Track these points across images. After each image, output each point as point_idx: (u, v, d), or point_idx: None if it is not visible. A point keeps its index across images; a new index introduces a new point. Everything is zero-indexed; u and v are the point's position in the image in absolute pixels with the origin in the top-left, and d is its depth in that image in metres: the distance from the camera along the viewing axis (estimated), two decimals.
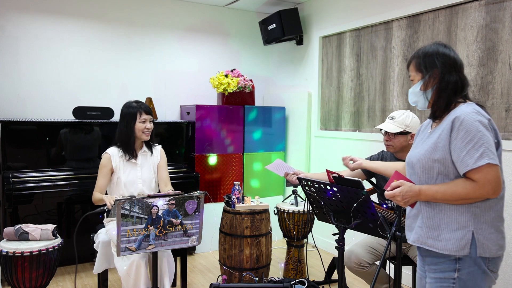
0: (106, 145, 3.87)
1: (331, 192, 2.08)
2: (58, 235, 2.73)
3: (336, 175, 2.04)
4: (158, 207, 2.25)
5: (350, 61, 4.13)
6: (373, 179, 2.80)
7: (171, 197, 2.28)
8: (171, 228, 2.31)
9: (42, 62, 4.04)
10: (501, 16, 2.87)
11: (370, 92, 3.91)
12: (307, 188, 2.21)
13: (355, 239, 3.03)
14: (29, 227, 2.65)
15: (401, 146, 2.63)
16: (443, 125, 1.67)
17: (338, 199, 2.08)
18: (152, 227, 2.25)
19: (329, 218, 2.21)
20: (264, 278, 3.20)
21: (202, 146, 4.29)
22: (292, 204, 3.54)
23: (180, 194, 2.32)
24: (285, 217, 3.43)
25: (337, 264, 2.39)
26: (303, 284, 2.93)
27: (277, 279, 3.02)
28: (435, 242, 1.66)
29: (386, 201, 2.52)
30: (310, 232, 3.46)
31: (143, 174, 2.92)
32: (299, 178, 2.26)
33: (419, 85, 1.74)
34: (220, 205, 3.87)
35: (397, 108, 3.62)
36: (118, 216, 2.14)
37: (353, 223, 2.10)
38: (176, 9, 4.67)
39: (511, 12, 2.82)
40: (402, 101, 3.58)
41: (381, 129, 2.65)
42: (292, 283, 2.80)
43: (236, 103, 4.48)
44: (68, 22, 4.14)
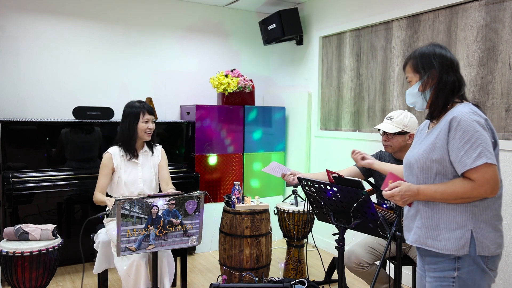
0: (106, 145, 3.87)
1: (331, 192, 2.08)
2: (58, 235, 2.73)
3: (336, 175, 2.05)
4: (158, 207, 2.25)
5: (350, 61, 4.13)
6: (372, 179, 2.80)
7: (171, 197, 2.28)
8: (171, 228, 2.31)
9: (42, 62, 4.04)
10: (501, 16, 2.87)
11: (370, 92, 3.91)
12: (307, 188, 2.21)
13: (355, 239, 3.03)
14: (29, 227, 2.65)
15: (400, 146, 2.63)
16: (441, 126, 1.69)
17: (338, 199, 2.08)
18: (152, 227, 2.25)
19: (329, 218, 2.21)
20: (264, 278, 3.20)
21: (202, 146, 4.29)
22: (292, 204, 3.54)
23: (180, 194, 2.32)
24: (285, 217, 3.43)
25: (337, 264, 2.39)
26: (303, 284, 2.93)
27: (277, 279, 3.02)
28: (435, 242, 1.67)
29: (386, 201, 2.52)
30: (310, 232, 3.46)
31: (144, 174, 2.93)
32: (299, 178, 2.26)
33: (417, 86, 1.75)
34: (220, 205, 3.87)
35: (397, 108, 3.62)
36: (118, 216, 2.14)
37: (353, 223, 2.10)
38: (176, 9, 4.67)
39: (511, 12, 2.82)
40: (402, 101, 3.58)
41: (379, 130, 2.65)
42: (292, 283, 2.80)
43: (236, 103, 4.48)
44: (68, 22, 4.14)
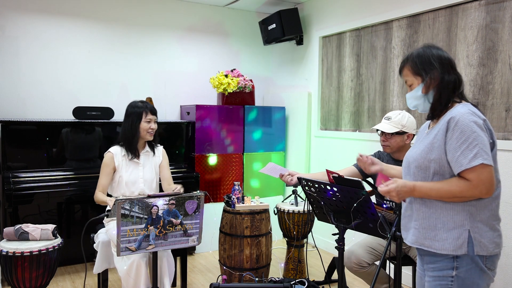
0: (106, 145, 3.87)
1: (331, 192, 2.08)
2: (58, 235, 2.73)
3: (336, 175, 2.05)
4: (158, 207, 2.25)
5: (350, 61, 4.13)
6: (370, 179, 2.80)
7: (171, 197, 2.28)
8: (171, 228, 2.31)
9: (42, 62, 4.04)
10: (501, 16, 2.87)
11: (370, 92, 3.91)
12: (307, 188, 2.21)
13: (355, 239, 3.03)
14: (29, 227, 2.65)
15: (398, 146, 2.64)
16: (439, 125, 1.70)
17: (338, 199, 2.08)
18: (152, 227, 2.25)
19: (329, 218, 2.21)
20: (264, 278, 3.19)
21: (202, 146, 4.29)
22: (292, 204, 3.54)
23: (180, 194, 2.32)
24: (285, 217, 3.43)
25: (337, 264, 2.39)
26: (303, 284, 2.93)
27: (277, 279, 3.02)
28: (433, 243, 1.68)
29: (385, 201, 2.52)
30: (310, 232, 3.46)
31: (145, 174, 2.93)
32: (299, 178, 2.26)
33: (420, 89, 1.74)
34: (220, 205, 3.87)
35: (397, 108, 3.62)
36: (118, 216, 2.14)
37: (353, 223, 2.10)
38: (176, 9, 4.67)
39: (511, 12, 2.82)
40: (402, 101, 3.58)
41: (378, 130, 2.66)
42: (292, 283, 2.80)
43: (236, 103, 4.48)
44: (68, 22, 4.14)
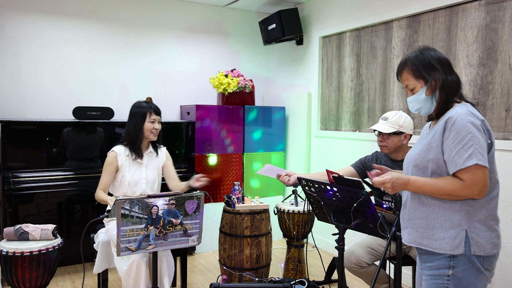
0: (106, 145, 3.87)
1: (331, 192, 2.08)
2: (58, 235, 2.73)
3: (336, 175, 2.05)
4: (158, 207, 2.25)
5: (350, 61, 4.13)
6: (368, 180, 2.80)
7: (171, 197, 2.28)
8: (171, 228, 2.31)
9: (42, 62, 4.04)
10: (501, 16, 2.87)
11: (370, 92, 3.91)
12: (307, 188, 2.21)
13: (355, 239, 3.03)
14: (29, 227, 2.65)
15: (395, 147, 2.64)
16: (438, 126, 1.71)
17: (338, 199, 2.08)
18: (152, 227, 2.25)
19: (329, 218, 2.21)
20: (264, 278, 3.19)
21: (202, 146, 4.29)
22: (292, 204, 3.54)
23: (180, 194, 2.32)
24: (285, 217, 3.43)
25: (337, 264, 2.39)
26: (303, 284, 2.93)
27: (277, 279, 3.02)
28: (430, 242, 1.69)
29: (384, 202, 2.52)
30: (310, 232, 3.46)
31: (148, 175, 2.93)
32: (299, 178, 2.26)
33: (424, 91, 1.74)
34: (220, 205, 3.86)
35: (397, 108, 3.62)
36: (118, 216, 2.14)
37: (353, 223, 2.10)
38: (176, 9, 4.67)
39: (511, 12, 2.82)
40: (402, 101, 3.58)
41: (375, 130, 2.66)
42: (292, 283, 2.80)
43: (236, 103, 4.48)
44: (68, 22, 4.14)
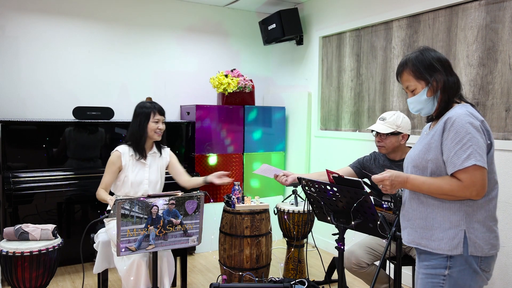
0: (106, 145, 3.87)
1: (331, 192, 2.08)
2: (58, 235, 2.73)
3: (336, 175, 2.04)
4: (158, 207, 2.25)
5: (350, 61, 4.13)
6: (366, 180, 2.80)
7: (171, 197, 2.28)
8: (171, 228, 2.31)
9: (42, 62, 4.04)
10: (501, 16, 2.87)
11: (370, 92, 3.91)
12: (307, 188, 2.21)
13: (355, 239, 3.03)
14: (29, 227, 2.65)
15: (393, 147, 2.64)
16: (437, 126, 1.71)
17: (338, 199, 2.08)
18: (152, 227, 2.25)
19: (329, 218, 2.21)
20: (264, 278, 3.19)
21: (202, 146, 4.29)
22: (292, 204, 3.54)
23: (180, 194, 2.32)
24: (285, 217, 3.43)
25: (337, 264, 2.39)
26: (303, 284, 2.93)
27: (277, 279, 3.02)
28: (429, 242, 1.69)
29: (384, 202, 2.52)
30: (310, 232, 3.45)
31: (151, 175, 2.92)
32: (299, 178, 2.25)
33: (425, 92, 1.74)
34: (220, 205, 3.86)
35: (397, 108, 3.62)
36: (118, 216, 2.14)
37: (353, 223, 2.10)
38: (176, 9, 4.67)
39: (511, 12, 2.82)
40: (402, 101, 3.58)
41: (373, 130, 2.66)
42: (292, 283, 2.80)
43: (236, 103, 4.48)
44: (68, 22, 4.14)
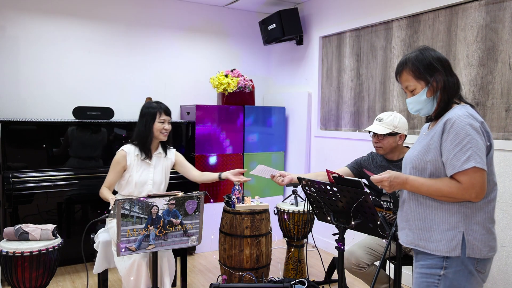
0: (106, 145, 3.87)
1: (331, 192, 2.08)
2: (58, 235, 2.73)
3: (336, 175, 2.05)
4: (158, 207, 2.25)
5: (350, 61, 4.13)
6: (364, 181, 2.80)
7: (171, 197, 2.28)
8: (171, 228, 2.31)
9: (42, 62, 4.04)
10: (501, 16, 2.87)
11: (370, 92, 3.91)
12: (307, 188, 2.21)
13: (355, 239, 3.03)
14: (29, 227, 2.65)
15: (391, 147, 2.64)
16: (437, 127, 1.70)
17: (338, 199, 2.08)
18: (152, 227, 2.25)
19: (329, 218, 2.21)
20: (264, 278, 3.19)
21: (202, 146, 4.29)
22: (292, 204, 3.54)
23: (180, 194, 2.32)
24: (285, 217, 3.43)
25: (337, 264, 2.39)
26: (303, 284, 2.93)
27: (277, 279, 3.03)
28: (427, 244, 1.68)
29: (383, 202, 2.52)
30: (310, 232, 3.46)
31: (155, 176, 2.92)
32: (299, 178, 2.25)
33: (424, 93, 1.73)
34: (220, 205, 3.87)
35: (397, 108, 3.62)
36: (118, 216, 2.14)
37: (353, 223, 2.10)
38: (176, 9, 4.67)
39: (511, 12, 2.82)
40: (402, 101, 3.58)
41: (370, 131, 2.66)
42: (292, 283, 2.80)
43: (236, 103, 4.48)
44: (68, 22, 4.14)
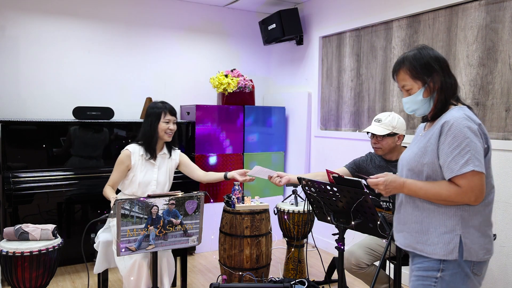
0: (107, 145, 3.87)
1: (331, 192, 2.08)
2: (58, 235, 2.73)
3: (336, 175, 2.05)
4: (158, 207, 2.25)
5: (350, 61, 4.13)
6: (363, 181, 2.79)
7: (171, 197, 2.28)
8: (171, 228, 2.31)
9: (42, 62, 4.04)
10: (501, 16, 2.87)
11: (370, 92, 3.91)
12: (307, 188, 2.21)
13: (355, 239, 3.03)
14: (29, 227, 2.65)
15: (390, 148, 2.64)
16: (434, 129, 1.69)
17: (338, 199, 2.08)
18: (152, 227, 2.25)
19: (329, 218, 2.21)
20: (264, 278, 3.19)
21: (202, 146, 4.29)
22: (292, 204, 3.54)
23: (180, 194, 2.32)
24: (285, 217, 3.43)
25: (337, 264, 2.39)
26: (303, 284, 2.93)
27: (277, 279, 3.03)
28: (424, 247, 1.67)
29: (382, 202, 2.52)
30: (310, 232, 3.46)
31: (159, 176, 2.92)
32: (299, 178, 2.25)
33: (421, 93, 1.72)
34: (220, 205, 3.86)
35: (397, 108, 3.62)
36: (118, 216, 2.14)
37: (353, 223, 2.10)
38: (176, 9, 4.67)
39: (511, 12, 2.82)
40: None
41: (368, 132, 2.65)
42: (292, 283, 2.80)
43: (236, 103, 4.48)
44: (68, 22, 4.14)
